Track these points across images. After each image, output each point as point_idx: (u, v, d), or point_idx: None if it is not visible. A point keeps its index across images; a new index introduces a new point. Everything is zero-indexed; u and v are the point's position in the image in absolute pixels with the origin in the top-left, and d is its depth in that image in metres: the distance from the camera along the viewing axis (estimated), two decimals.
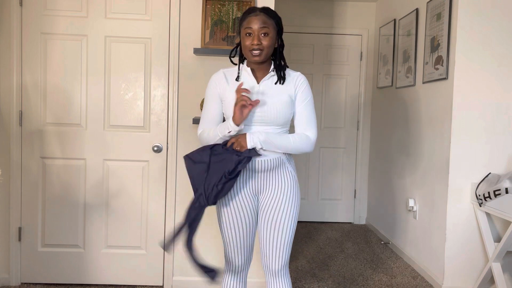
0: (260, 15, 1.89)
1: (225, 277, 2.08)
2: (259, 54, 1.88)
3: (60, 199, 3.01)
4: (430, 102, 3.46)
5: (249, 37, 1.89)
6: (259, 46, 1.86)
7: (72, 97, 2.97)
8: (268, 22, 1.89)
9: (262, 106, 1.88)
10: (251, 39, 1.88)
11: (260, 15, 1.89)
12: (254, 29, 1.87)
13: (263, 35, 1.88)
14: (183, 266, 3.06)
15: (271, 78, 1.96)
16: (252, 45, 1.87)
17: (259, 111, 1.88)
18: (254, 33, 1.87)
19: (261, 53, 1.88)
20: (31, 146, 2.97)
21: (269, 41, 1.89)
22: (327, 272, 3.52)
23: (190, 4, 2.95)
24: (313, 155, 5.09)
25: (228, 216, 1.97)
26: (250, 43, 1.87)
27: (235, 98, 1.87)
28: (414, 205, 3.71)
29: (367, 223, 5.08)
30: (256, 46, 1.86)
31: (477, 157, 3.11)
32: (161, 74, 2.98)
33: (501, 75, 3.08)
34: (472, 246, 3.15)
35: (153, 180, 3.02)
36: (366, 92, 5.06)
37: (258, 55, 1.88)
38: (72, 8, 2.93)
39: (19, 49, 2.92)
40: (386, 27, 4.55)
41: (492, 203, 2.89)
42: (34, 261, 3.03)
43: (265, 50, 1.89)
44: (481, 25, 3.05)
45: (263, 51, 1.88)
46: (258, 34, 1.87)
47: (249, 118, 1.89)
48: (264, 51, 1.88)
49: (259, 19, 1.88)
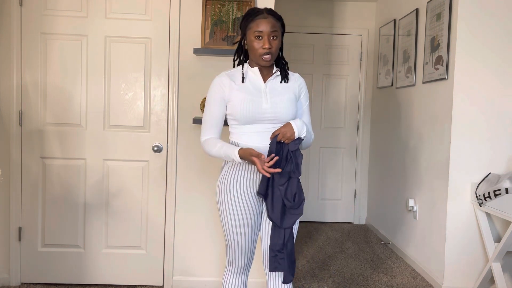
0: (269, 17, 1.89)
1: (227, 277, 2.08)
2: (270, 59, 1.89)
3: (60, 199, 3.01)
4: (430, 102, 3.46)
5: (259, 40, 1.88)
6: (270, 50, 1.87)
7: (72, 97, 2.97)
8: (276, 26, 1.90)
9: (272, 104, 1.90)
10: (262, 42, 1.87)
11: (269, 18, 1.89)
12: (264, 32, 1.87)
13: (272, 38, 1.88)
14: (183, 266, 3.06)
15: (276, 78, 1.98)
16: (264, 49, 1.87)
17: (270, 111, 1.90)
18: (264, 36, 1.87)
19: (272, 57, 1.90)
20: (31, 146, 2.97)
21: (278, 44, 1.91)
22: (327, 272, 3.52)
23: (190, 4, 2.95)
24: (313, 155, 5.09)
25: (232, 218, 1.96)
26: (262, 47, 1.87)
27: (243, 97, 1.89)
28: (414, 205, 3.71)
29: (367, 223, 5.08)
30: (268, 50, 1.86)
31: (477, 157, 3.11)
32: (161, 74, 2.98)
33: (502, 74, 3.08)
34: (472, 246, 3.15)
35: (153, 180, 3.02)
36: (366, 92, 5.06)
37: (269, 59, 1.89)
38: (72, 8, 2.93)
39: (19, 49, 2.92)
40: (386, 27, 4.55)
41: (492, 203, 2.88)
42: (34, 261, 3.03)
43: (274, 54, 1.91)
44: (481, 24, 3.05)
45: (273, 54, 1.90)
46: (269, 37, 1.87)
47: (259, 117, 1.89)
48: (273, 54, 1.90)
49: (268, 22, 1.88)
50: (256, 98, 1.90)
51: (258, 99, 1.90)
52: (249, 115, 1.88)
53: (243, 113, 1.89)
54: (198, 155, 3.00)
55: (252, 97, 1.90)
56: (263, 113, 1.89)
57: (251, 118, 1.89)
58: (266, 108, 1.89)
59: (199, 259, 3.06)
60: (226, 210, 1.97)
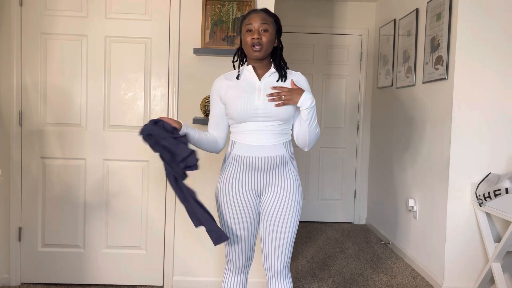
0: (260, 12, 1.96)
1: (226, 277, 2.08)
2: (259, 50, 1.92)
3: (60, 199, 3.01)
4: (430, 102, 3.46)
5: (250, 33, 1.93)
6: (259, 41, 1.91)
7: (72, 97, 2.97)
8: (268, 19, 1.95)
9: (264, 101, 1.90)
10: (252, 34, 1.92)
11: (260, 13, 1.96)
12: (254, 25, 1.92)
13: (263, 31, 1.92)
14: (183, 266, 3.06)
15: (272, 75, 1.99)
16: (253, 40, 1.91)
17: (262, 108, 1.90)
18: (254, 29, 1.92)
19: (261, 49, 1.92)
20: (31, 146, 2.97)
21: (269, 37, 1.93)
22: (327, 272, 3.52)
23: (190, 4, 2.95)
24: (313, 155, 5.09)
25: (230, 217, 1.97)
26: (251, 38, 1.92)
27: (236, 95, 1.92)
28: (414, 205, 3.71)
29: (367, 223, 5.08)
30: (256, 40, 1.90)
31: (477, 157, 3.11)
32: (161, 74, 2.98)
33: (502, 74, 3.08)
34: (472, 246, 3.15)
35: (153, 180, 3.02)
36: (366, 92, 5.06)
37: (258, 50, 1.92)
38: (72, 8, 2.93)
39: (19, 49, 2.92)
40: (386, 27, 4.55)
41: (492, 203, 2.88)
42: (34, 261, 3.03)
43: (265, 46, 1.92)
44: (482, 24, 3.05)
45: (263, 46, 1.92)
46: (258, 29, 1.92)
47: (252, 114, 1.90)
48: (264, 46, 1.92)
49: (259, 15, 1.94)
50: (249, 95, 1.91)
51: (250, 96, 1.91)
52: (241, 111, 1.90)
53: (235, 109, 1.91)
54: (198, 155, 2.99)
55: (245, 94, 1.92)
56: (255, 110, 1.90)
57: (244, 115, 1.90)
58: (258, 104, 1.90)
59: (199, 259, 3.06)
60: (224, 209, 1.98)
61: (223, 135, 2.05)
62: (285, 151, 1.95)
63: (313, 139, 1.97)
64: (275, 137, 1.93)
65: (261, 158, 1.91)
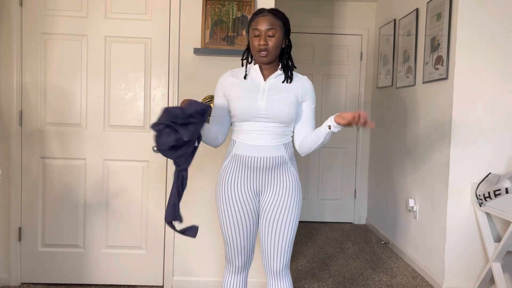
0: (268, 16, 1.92)
1: (226, 277, 2.08)
2: (266, 55, 1.91)
3: (60, 199, 3.01)
4: (430, 102, 3.46)
5: (257, 38, 1.92)
6: (266, 47, 1.90)
7: (72, 97, 2.97)
8: (275, 23, 1.92)
9: (267, 102, 1.90)
10: (258, 39, 1.91)
11: (267, 16, 1.92)
12: (261, 30, 1.91)
13: (269, 36, 1.91)
14: (183, 266, 3.06)
15: (278, 77, 1.98)
16: (259, 46, 1.90)
17: (264, 109, 1.90)
18: (261, 33, 1.91)
19: (268, 54, 1.91)
20: (31, 146, 2.97)
21: (275, 42, 1.92)
22: (327, 272, 3.52)
23: (190, 4, 2.95)
24: (313, 155, 5.09)
25: (229, 217, 1.97)
26: (258, 44, 1.91)
27: (240, 93, 1.92)
28: (414, 205, 3.71)
29: (367, 223, 5.08)
30: (263, 46, 1.89)
31: (477, 157, 3.11)
32: (161, 74, 2.98)
33: (502, 74, 3.08)
34: (472, 246, 3.15)
35: (153, 180, 3.02)
36: (366, 92, 5.06)
37: (265, 56, 1.91)
38: (72, 8, 2.93)
39: (19, 49, 2.92)
40: (386, 27, 4.55)
41: (492, 203, 2.88)
42: (34, 261, 3.03)
43: (271, 51, 1.92)
44: (481, 24, 3.05)
45: (269, 51, 1.91)
46: (265, 35, 1.90)
47: (254, 114, 1.90)
48: (270, 51, 1.91)
49: (266, 20, 1.91)
50: (252, 95, 1.91)
51: (254, 96, 1.91)
52: (243, 110, 1.90)
53: (237, 107, 1.91)
54: (198, 155, 2.99)
55: (249, 93, 1.92)
56: (257, 110, 1.89)
57: (245, 114, 1.90)
58: (261, 105, 1.90)
59: (199, 259, 3.06)
60: (223, 208, 1.98)
61: (223, 131, 2.04)
62: (285, 152, 1.95)
63: (316, 150, 2.01)
64: (276, 138, 1.93)
65: (260, 158, 1.92)
